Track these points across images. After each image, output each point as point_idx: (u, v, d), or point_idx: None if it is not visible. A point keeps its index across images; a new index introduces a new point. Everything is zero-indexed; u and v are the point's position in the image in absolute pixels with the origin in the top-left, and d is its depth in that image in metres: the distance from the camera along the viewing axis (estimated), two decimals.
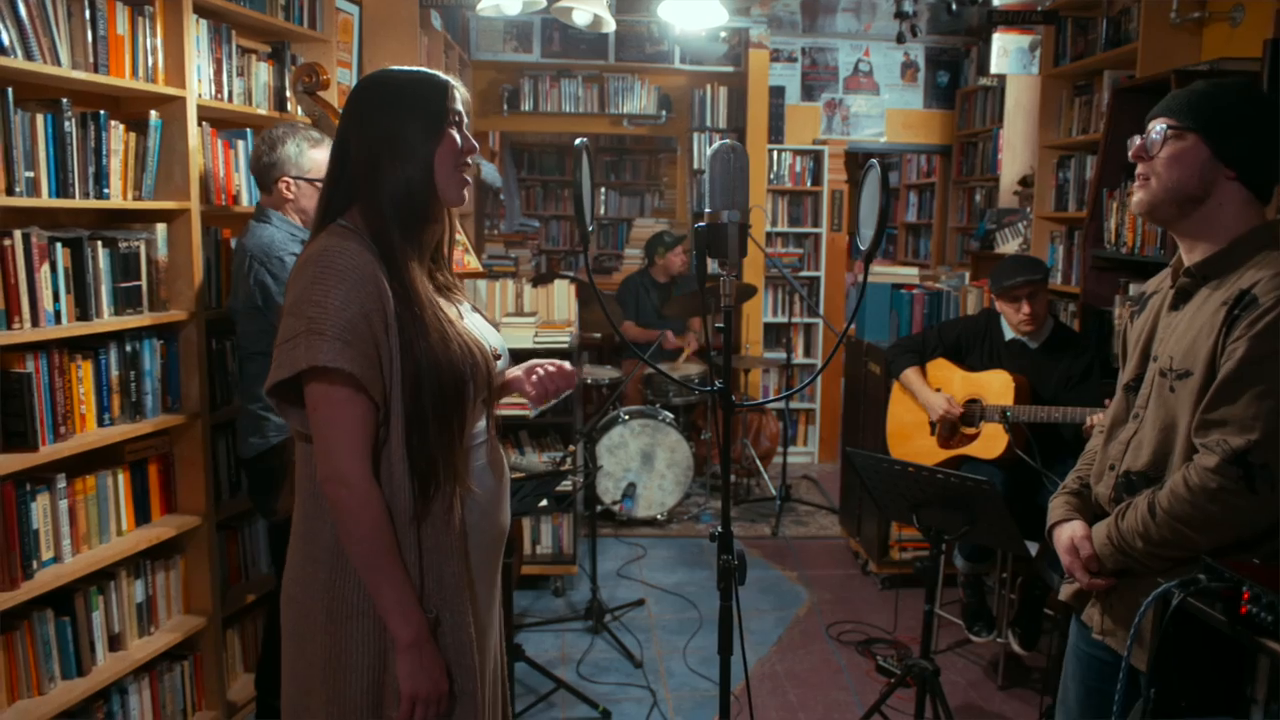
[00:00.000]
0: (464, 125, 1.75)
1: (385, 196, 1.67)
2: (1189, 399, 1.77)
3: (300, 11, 3.66)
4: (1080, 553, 1.92)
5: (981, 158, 6.66)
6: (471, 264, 4.38)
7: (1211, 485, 1.70)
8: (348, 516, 1.60)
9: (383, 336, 1.61)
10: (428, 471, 1.65)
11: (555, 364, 1.97)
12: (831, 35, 6.87)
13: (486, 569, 1.83)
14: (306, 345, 1.56)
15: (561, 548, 4.49)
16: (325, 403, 1.59)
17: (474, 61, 6.50)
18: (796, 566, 4.84)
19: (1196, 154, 1.78)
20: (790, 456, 6.68)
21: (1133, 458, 1.88)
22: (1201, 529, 1.73)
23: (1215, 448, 1.70)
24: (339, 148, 1.73)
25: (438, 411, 1.65)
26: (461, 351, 1.69)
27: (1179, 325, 1.84)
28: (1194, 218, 1.81)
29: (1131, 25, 4.02)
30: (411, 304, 1.65)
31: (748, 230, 1.77)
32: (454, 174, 1.73)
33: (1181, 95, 1.84)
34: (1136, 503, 1.83)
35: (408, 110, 1.69)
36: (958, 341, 3.86)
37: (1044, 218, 4.65)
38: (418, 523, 1.66)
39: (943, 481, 2.79)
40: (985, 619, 3.75)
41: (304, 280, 1.61)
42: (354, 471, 1.59)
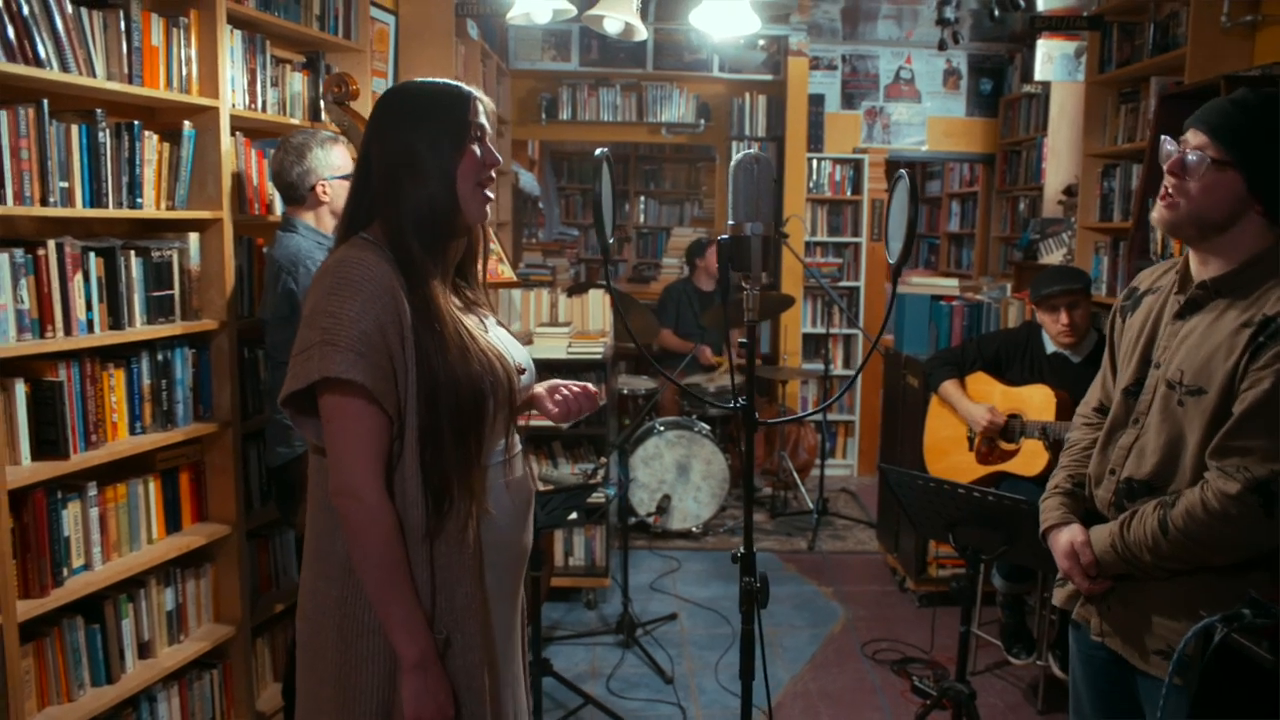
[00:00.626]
0: (487, 138, 1.72)
1: (407, 213, 1.65)
2: (1200, 417, 1.78)
3: (335, 21, 3.68)
4: (1080, 559, 1.93)
5: (1025, 166, 6.54)
6: (505, 273, 4.37)
7: (1232, 511, 1.71)
8: (358, 531, 1.57)
9: (398, 349, 1.59)
10: (441, 488, 1.63)
11: (579, 385, 1.95)
12: (872, 42, 6.80)
13: (506, 591, 1.80)
14: (320, 356, 1.54)
15: (594, 560, 4.45)
16: (339, 415, 1.57)
17: (512, 70, 6.51)
18: (832, 582, 4.77)
19: (1233, 189, 1.76)
20: (829, 469, 6.60)
21: (1134, 465, 1.90)
22: (1215, 548, 1.77)
23: (1236, 474, 1.72)
24: (363, 162, 1.72)
25: (454, 427, 1.63)
26: (481, 367, 1.66)
27: (1189, 338, 1.83)
28: (1213, 240, 1.81)
29: (1180, 30, 3.91)
30: (430, 318, 1.62)
31: (771, 243, 1.72)
32: (475, 191, 1.71)
33: (1230, 114, 1.79)
34: (1144, 516, 1.83)
35: (428, 125, 1.66)
36: (998, 355, 3.77)
37: (1088, 228, 4.54)
38: (430, 540, 1.63)
39: (979, 500, 2.72)
40: (1025, 640, 3.65)
41: (320, 291, 1.60)
42: (366, 485, 1.57)
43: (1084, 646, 2.07)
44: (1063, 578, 2.08)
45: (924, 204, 9.36)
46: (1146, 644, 1.88)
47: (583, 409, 1.93)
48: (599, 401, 1.97)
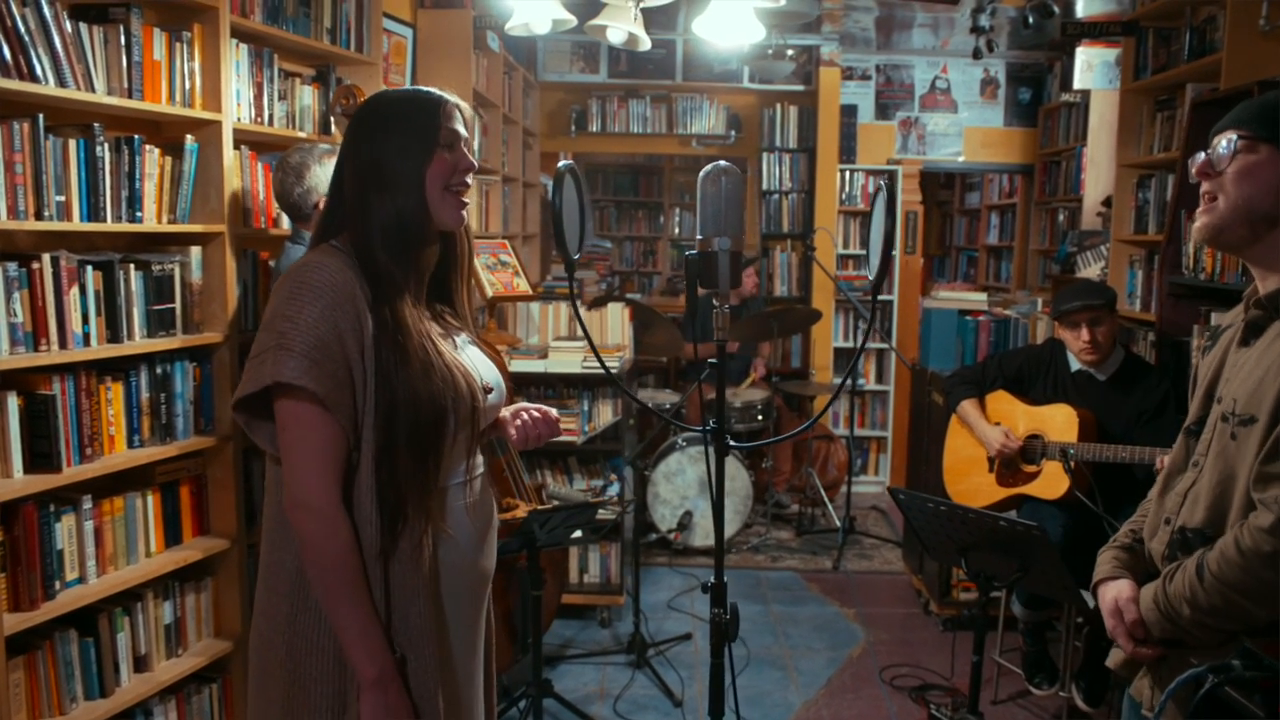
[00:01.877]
0: (461, 144, 1.68)
1: (374, 226, 1.62)
2: (1252, 448, 1.56)
3: (346, 34, 3.67)
4: (1125, 617, 1.71)
5: (1065, 177, 6.38)
6: (521, 287, 4.33)
7: (1266, 549, 1.48)
8: (313, 543, 1.53)
9: (356, 358, 1.55)
10: (396, 506, 1.58)
11: (541, 410, 1.90)
12: (907, 52, 6.68)
13: (465, 614, 1.74)
14: (274, 360, 1.50)
15: (609, 577, 4.38)
16: (293, 422, 1.53)
17: (541, 83, 6.49)
18: (855, 603, 4.65)
19: (1272, 167, 1.57)
20: (861, 486, 6.48)
21: (1189, 512, 1.67)
22: (1255, 598, 1.52)
23: (1273, 505, 1.49)
24: (336, 174, 1.69)
25: (412, 445, 1.58)
26: (444, 384, 1.61)
27: (1246, 364, 1.64)
28: (1267, 241, 1.60)
29: (1217, 35, 3.77)
30: (394, 331, 1.58)
31: (739, 258, 1.65)
32: (445, 195, 1.66)
33: (1253, 104, 1.64)
34: (1186, 564, 1.62)
35: (396, 133, 1.63)
36: (1019, 372, 3.65)
37: (1123, 241, 4.39)
38: (385, 559, 1.58)
39: (991, 525, 2.62)
40: (1047, 670, 3.51)
41: (280, 295, 1.57)
42: (321, 496, 1.52)
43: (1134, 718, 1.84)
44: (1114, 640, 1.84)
45: (963, 216, 9.19)
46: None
47: (542, 435, 1.89)
48: (558, 429, 1.92)
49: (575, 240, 1.70)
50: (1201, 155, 1.68)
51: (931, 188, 9.26)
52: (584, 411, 4.22)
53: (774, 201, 6.63)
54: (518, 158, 5.72)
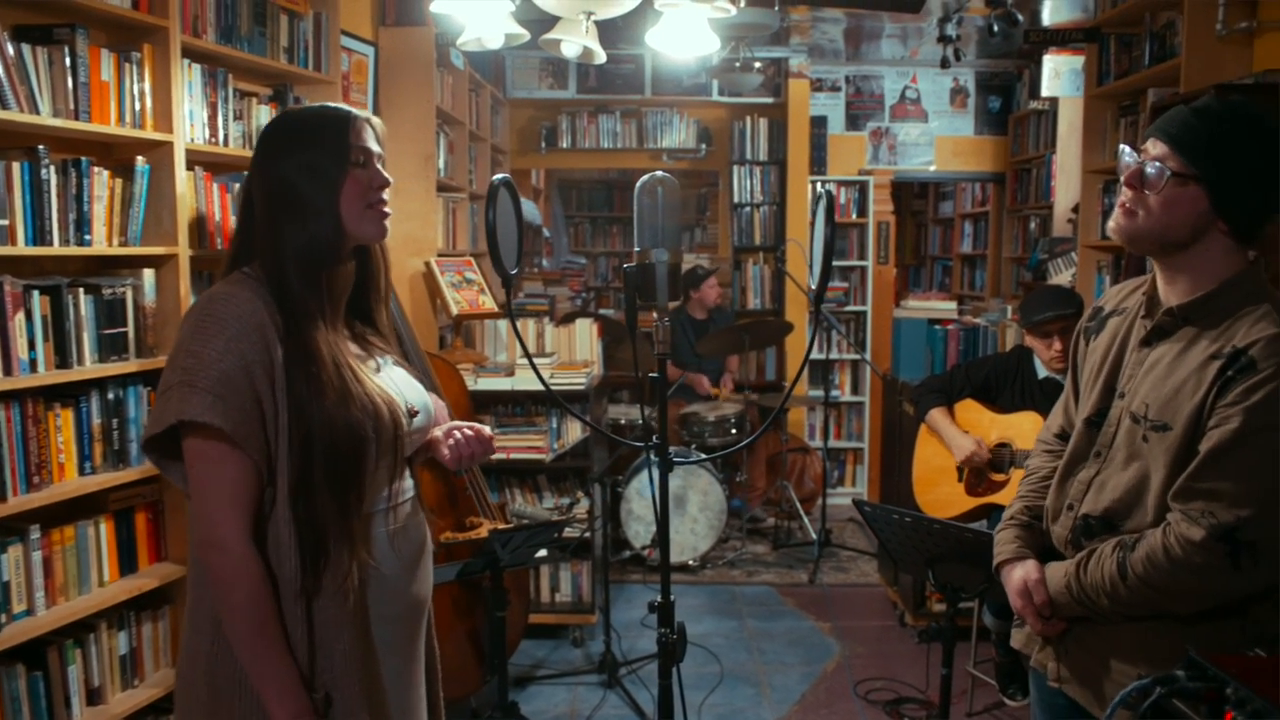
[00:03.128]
0: (375, 160, 1.64)
1: (286, 252, 1.57)
2: (1165, 455, 1.65)
3: (304, 53, 3.63)
4: (1034, 598, 1.81)
5: (1036, 184, 6.39)
6: (487, 304, 4.30)
7: (1196, 560, 1.58)
8: (223, 584, 1.48)
9: (266, 390, 1.50)
10: (317, 543, 1.53)
11: (474, 428, 1.85)
12: (876, 62, 6.69)
13: (399, 643, 1.70)
14: (179, 398, 1.46)
15: (581, 595, 4.33)
16: (199, 460, 1.49)
17: (510, 99, 6.47)
18: (831, 617, 4.61)
19: (1195, 206, 1.63)
20: (837, 498, 6.45)
21: (1094, 501, 1.77)
22: (1175, 597, 1.65)
23: (1201, 520, 1.59)
24: (244, 200, 1.64)
25: (329, 478, 1.54)
26: (364, 412, 1.57)
27: (1156, 369, 1.70)
28: (1175, 257, 1.68)
29: (1176, 39, 3.77)
30: (306, 359, 1.54)
31: (678, 270, 1.62)
32: (366, 213, 1.63)
33: (1193, 125, 1.64)
34: (1102, 557, 1.70)
35: (305, 154, 1.59)
36: (987, 381, 3.63)
37: (1090, 247, 4.39)
38: (306, 597, 1.54)
39: (957, 535, 2.59)
40: (1021, 680, 3.49)
41: (187, 329, 1.52)
42: (229, 535, 1.48)
43: (1043, 693, 1.94)
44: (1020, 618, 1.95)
45: (937, 225, 9.20)
46: (1106, 691, 1.75)
47: (475, 454, 1.84)
48: (492, 447, 1.88)
49: (513, 255, 1.66)
50: (1129, 157, 1.70)
51: (906, 197, 9.28)
52: (553, 429, 4.17)
53: (745, 214, 6.62)
54: (487, 175, 5.69)
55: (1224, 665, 1.29)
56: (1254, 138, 1.62)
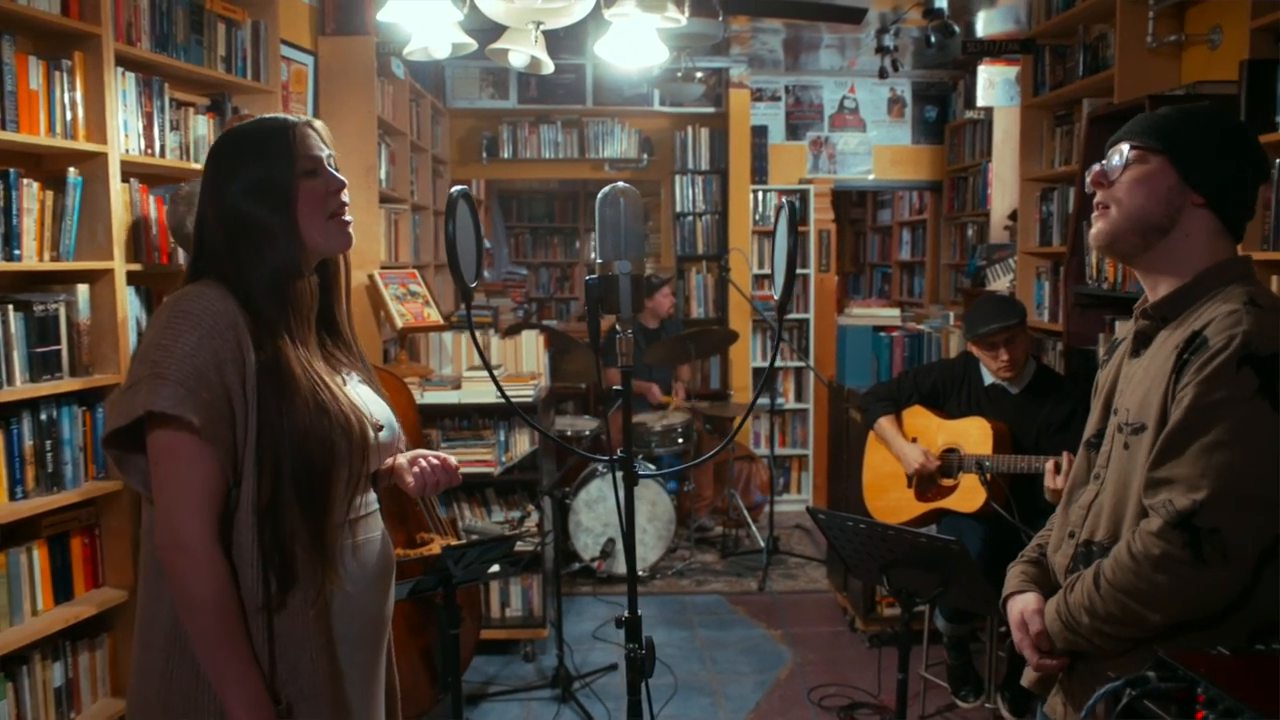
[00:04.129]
0: (325, 164, 1.59)
1: (250, 278, 1.52)
2: (1143, 456, 1.57)
3: (242, 62, 3.56)
4: (1030, 629, 1.71)
5: (972, 192, 6.50)
6: (432, 316, 4.24)
7: (1155, 552, 1.50)
8: (186, 586, 1.42)
9: (237, 389, 1.46)
10: (285, 562, 1.48)
11: (440, 457, 1.83)
12: (815, 73, 6.76)
13: (360, 662, 1.65)
14: (148, 390, 1.41)
15: (531, 610, 4.28)
16: (167, 456, 1.44)
17: (450, 109, 6.41)
18: (782, 624, 4.62)
19: (1163, 177, 1.59)
20: (785, 505, 6.47)
21: (1092, 525, 1.69)
22: (1149, 604, 1.53)
23: (1161, 509, 1.51)
24: (199, 221, 1.58)
25: (300, 493, 1.49)
26: (336, 427, 1.53)
27: (1136, 374, 1.66)
28: (1158, 249, 1.62)
29: (1109, 51, 3.86)
30: (279, 378, 1.49)
31: (641, 281, 1.60)
32: (328, 225, 1.59)
33: (1147, 117, 1.67)
34: (1084, 574, 1.63)
35: (251, 173, 1.54)
36: (934, 387, 3.66)
37: (1028, 253, 4.48)
38: (268, 611, 1.49)
39: (910, 541, 2.61)
40: (973, 682, 3.52)
41: (157, 325, 1.47)
42: (195, 535, 1.43)
43: None
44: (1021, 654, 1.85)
45: (875, 233, 9.33)
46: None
47: (440, 483, 1.81)
48: (458, 476, 1.84)
49: (472, 268, 1.63)
50: (1097, 166, 1.70)
51: (844, 206, 9.39)
52: (500, 442, 4.13)
53: (688, 223, 6.63)
54: (428, 186, 5.63)
55: (1193, 664, 1.30)
56: (1212, 115, 1.63)
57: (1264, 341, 1.48)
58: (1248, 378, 1.47)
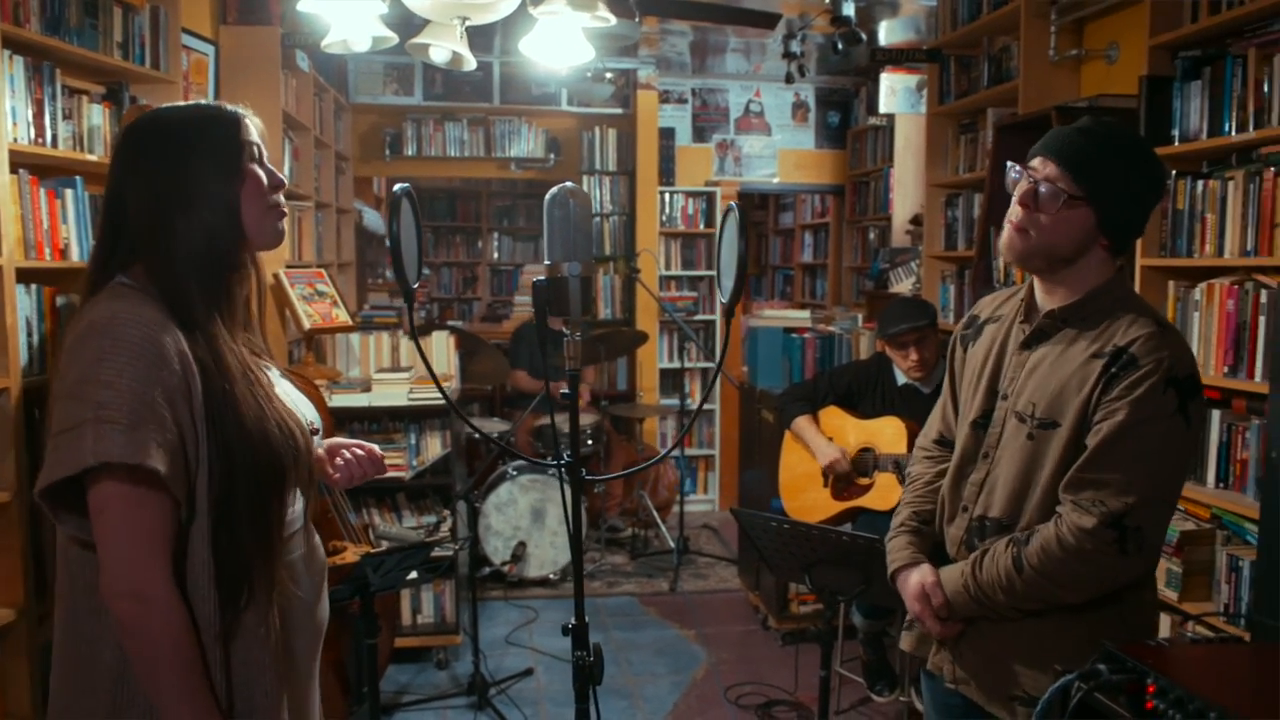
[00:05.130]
0: (265, 158, 1.53)
1: (180, 252, 1.43)
2: (1054, 450, 1.74)
3: (141, 50, 3.39)
4: (932, 600, 1.85)
5: (874, 197, 6.65)
6: (340, 317, 4.12)
7: (1088, 547, 1.66)
8: (145, 637, 1.33)
9: (188, 423, 1.37)
10: (240, 578, 1.41)
11: (365, 447, 1.76)
12: (721, 76, 6.82)
13: (302, 671, 1.61)
14: (95, 436, 1.29)
15: (444, 616, 4.20)
16: (116, 504, 1.33)
17: (353, 104, 6.25)
18: (695, 624, 4.64)
19: (1083, 222, 1.73)
20: (691, 505, 6.51)
21: (985, 503, 1.84)
22: (1069, 587, 1.71)
23: (1092, 508, 1.67)
24: (112, 201, 1.48)
25: (252, 505, 1.42)
26: (283, 432, 1.46)
27: (1039, 368, 1.79)
28: (1061, 272, 1.78)
29: (1012, 63, 3.99)
30: (220, 376, 1.41)
31: (592, 283, 1.58)
32: (267, 213, 1.52)
33: (1081, 146, 1.73)
34: (996, 554, 1.77)
35: (196, 152, 1.46)
36: (849, 388, 3.73)
37: (934, 257, 4.59)
38: (225, 639, 1.41)
39: (834, 540, 2.64)
40: (887, 676, 3.59)
41: (88, 355, 1.34)
42: (154, 583, 1.33)
43: (938, 695, 1.98)
44: (910, 621, 2.01)
45: (778, 236, 9.46)
46: (1005, 690, 1.80)
47: (366, 473, 1.75)
48: (383, 466, 1.79)
49: (415, 268, 1.58)
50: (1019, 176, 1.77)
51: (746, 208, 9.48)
52: (411, 445, 4.04)
53: (595, 224, 6.61)
54: (330, 183, 5.47)
55: (1142, 656, 1.34)
56: (1135, 161, 1.75)
57: (1182, 365, 1.68)
58: (1170, 398, 1.65)
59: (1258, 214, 2.73)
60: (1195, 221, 2.93)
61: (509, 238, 9.09)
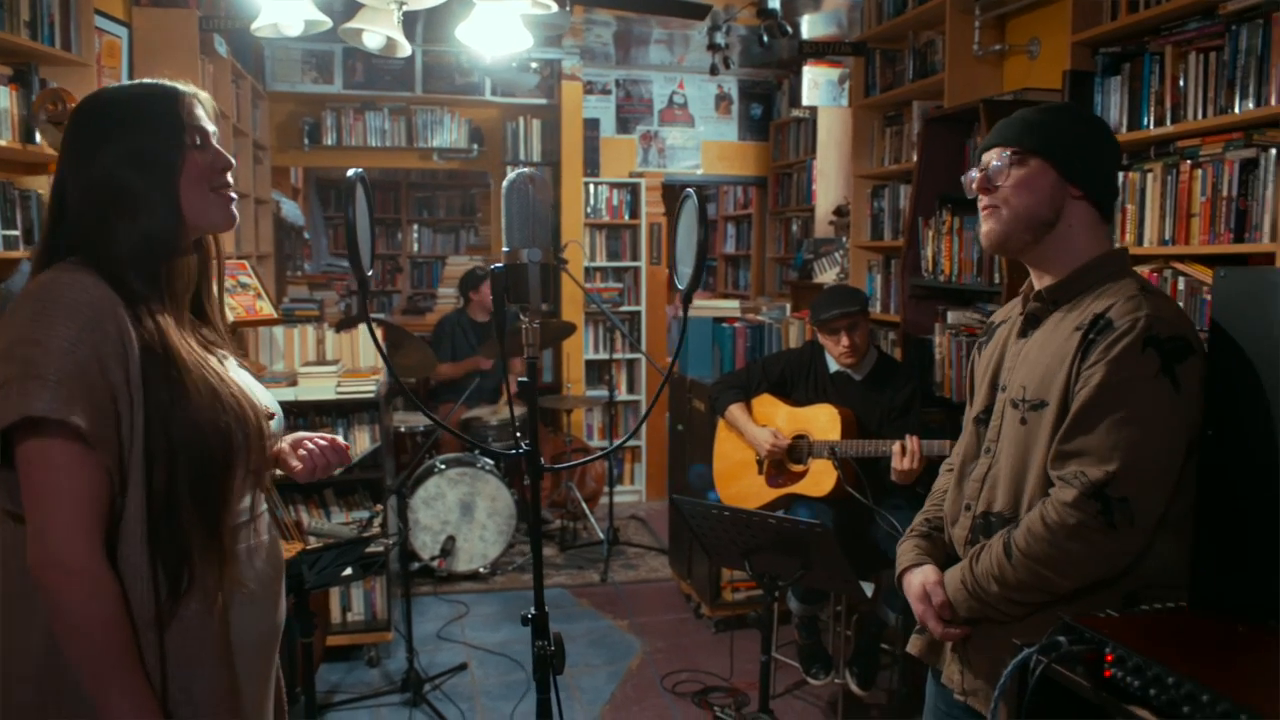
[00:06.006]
0: (212, 139, 1.48)
1: (119, 250, 1.39)
2: (1045, 431, 1.67)
3: (50, 30, 3.25)
4: (933, 600, 1.79)
5: (797, 188, 6.72)
6: (265, 310, 4.01)
7: (1070, 521, 1.59)
8: (72, 610, 1.28)
9: (121, 386, 1.32)
10: (180, 565, 1.37)
11: (326, 438, 1.72)
12: (645, 67, 6.82)
13: (256, 672, 1.55)
14: (20, 392, 1.24)
15: (375, 613, 4.13)
16: (45, 465, 1.28)
17: (270, 92, 6.09)
18: (628, 614, 4.65)
19: (1043, 176, 1.71)
20: (618, 496, 6.51)
21: (989, 497, 1.78)
22: (1061, 570, 1.62)
23: (1073, 480, 1.60)
24: (57, 188, 1.42)
25: (196, 490, 1.37)
26: (231, 415, 1.41)
27: (1029, 353, 1.77)
28: (1046, 242, 1.73)
29: (937, 57, 4.08)
30: (166, 360, 1.37)
31: (551, 270, 1.56)
32: (211, 197, 1.47)
33: (1014, 124, 1.77)
34: (991, 544, 1.72)
35: (132, 137, 1.41)
36: (783, 375, 3.77)
37: (860, 247, 4.67)
38: (159, 626, 1.36)
39: (775, 526, 2.67)
40: (822, 660, 3.65)
41: (21, 317, 1.30)
42: (80, 553, 1.28)
43: (943, 706, 1.90)
44: (921, 625, 1.90)
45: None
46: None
47: (330, 464, 1.70)
48: (348, 455, 1.75)
49: (369, 255, 1.55)
50: (974, 174, 1.80)
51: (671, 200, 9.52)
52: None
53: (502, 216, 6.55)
54: (249, 172, 5.33)
55: (1098, 626, 1.38)
56: (1072, 112, 1.80)
57: (1164, 325, 1.59)
58: (1151, 358, 1.57)
59: (1175, 205, 2.84)
60: (1116, 211, 3.03)
61: (429, 229, 8.97)
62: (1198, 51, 2.81)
